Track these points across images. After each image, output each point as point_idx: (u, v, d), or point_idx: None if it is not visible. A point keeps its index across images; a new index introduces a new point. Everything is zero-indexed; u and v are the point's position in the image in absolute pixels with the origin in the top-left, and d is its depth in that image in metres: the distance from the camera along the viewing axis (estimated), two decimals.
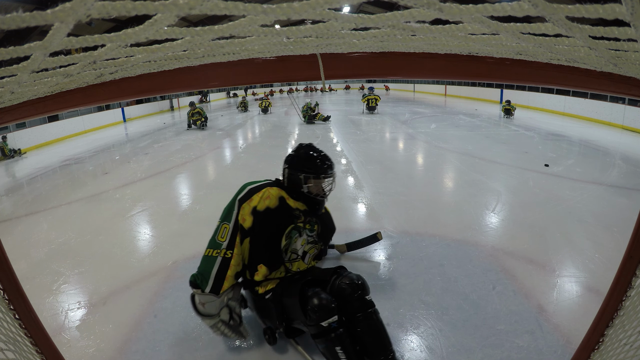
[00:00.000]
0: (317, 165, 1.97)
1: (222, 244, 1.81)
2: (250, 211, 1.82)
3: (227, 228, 1.82)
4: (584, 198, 4.23)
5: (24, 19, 0.35)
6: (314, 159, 1.99)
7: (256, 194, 1.86)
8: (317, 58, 0.95)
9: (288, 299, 1.82)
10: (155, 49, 0.64)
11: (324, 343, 1.66)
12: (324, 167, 1.98)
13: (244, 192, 1.88)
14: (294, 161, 1.99)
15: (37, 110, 1.02)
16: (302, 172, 1.95)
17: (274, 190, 1.90)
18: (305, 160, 1.98)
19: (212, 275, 1.80)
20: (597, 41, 0.55)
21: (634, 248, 1.14)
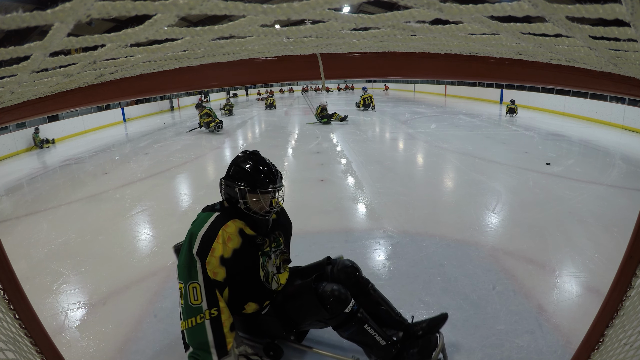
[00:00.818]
0: (259, 177, 1.66)
1: (202, 306, 1.55)
2: (218, 263, 1.57)
3: (198, 287, 1.55)
4: (584, 198, 4.23)
5: (24, 19, 0.35)
6: (254, 169, 1.67)
7: (215, 241, 1.57)
8: (317, 58, 0.95)
9: (295, 302, 1.76)
10: (155, 49, 0.64)
11: (351, 328, 1.72)
12: (265, 180, 1.66)
13: (198, 244, 1.56)
14: (231, 172, 1.70)
15: (37, 110, 1.02)
16: (241, 185, 1.65)
17: (231, 228, 1.62)
18: (245, 171, 1.67)
19: (211, 343, 1.56)
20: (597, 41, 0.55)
21: (634, 248, 1.14)
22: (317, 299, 1.68)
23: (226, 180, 1.70)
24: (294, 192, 4.85)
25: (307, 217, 3.90)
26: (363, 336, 1.74)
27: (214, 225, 1.61)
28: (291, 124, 11.57)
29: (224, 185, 1.72)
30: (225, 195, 1.72)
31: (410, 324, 1.90)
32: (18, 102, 0.96)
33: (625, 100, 9.62)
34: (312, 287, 1.72)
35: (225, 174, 1.73)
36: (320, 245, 3.23)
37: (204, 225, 1.61)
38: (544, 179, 5.03)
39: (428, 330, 1.84)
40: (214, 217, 1.64)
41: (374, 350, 1.77)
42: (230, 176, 1.69)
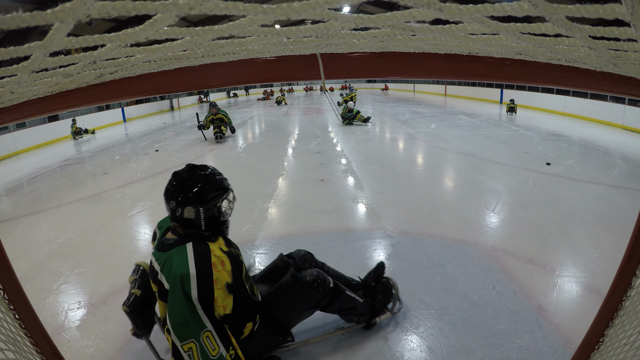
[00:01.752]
0: (222, 180, 1.56)
1: (221, 354, 1.35)
2: (227, 292, 1.37)
3: (210, 334, 1.33)
4: (584, 198, 4.23)
5: (24, 19, 0.35)
6: (214, 176, 1.53)
7: (214, 271, 1.34)
8: (317, 58, 0.95)
9: (285, 300, 1.77)
10: (155, 49, 0.64)
11: (339, 299, 1.90)
12: (225, 180, 1.59)
13: (196, 285, 1.30)
14: (204, 195, 1.46)
15: (37, 110, 1.02)
16: (218, 199, 1.50)
17: (216, 249, 1.41)
18: (212, 184, 1.50)
19: None
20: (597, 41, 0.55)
21: (634, 248, 1.14)
22: (307, 285, 1.79)
23: (205, 207, 1.44)
24: (294, 192, 4.85)
25: (307, 217, 3.90)
26: (348, 302, 1.95)
27: (202, 255, 1.34)
28: (291, 124, 11.57)
29: (205, 213, 1.44)
30: (206, 225, 1.47)
31: (364, 281, 2.25)
32: (18, 102, 0.96)
33: (625, 100, 9.62)
34: (299, 277, 1.80)
35: (190, 205, 1.42)
36: (320, 245, 3.23)
37: (189, 261, 1.32)
38: (544, 179, 5.03)
39: (377, 278, 2.24)
40: (191, 248, 1.36)
41: (357, 311, 2.02)
42: (208, 199, 1.45)
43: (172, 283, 1.32)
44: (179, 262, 1.34)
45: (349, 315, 2.04)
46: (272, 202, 4.44)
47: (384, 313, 2.20)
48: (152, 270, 1.44)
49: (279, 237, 3.45)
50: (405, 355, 1.97)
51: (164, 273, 1.36)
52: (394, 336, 2.11)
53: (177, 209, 1.42)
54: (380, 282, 2.24)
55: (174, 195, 1.43)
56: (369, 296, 2.14)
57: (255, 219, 3.90)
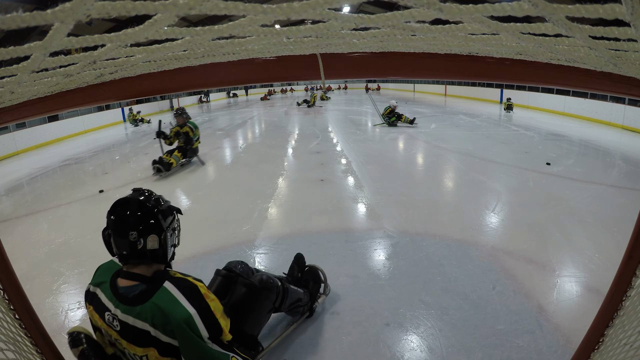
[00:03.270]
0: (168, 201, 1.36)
1: None
2: (226, 316, 1.27)
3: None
4: (584, 198, 4.23)
5: (24, 19, 0.35)
6: (161, 199, 1.33)
7: (208, 302, 1.21)
8: (317, 58, 0.95)
9: (247, 311, 1.75)
10: (155, 49, 0.64)
11: (288, 295, 1.96)
12: None
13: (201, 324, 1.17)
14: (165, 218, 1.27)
15: (37, 110, 1.02)
16: (174, 222, 1.33)
17: (194, 281, 1.26)
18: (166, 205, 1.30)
19: None
20: (597, 41, 0.55)
21: (634, 248, 1.14)
22: (262, 289, 1.81)
23: (168, 232, 1.27)
24: (294, 192, 4.85)
25: (307, 217, 3.90)
26: (295, 294, 2.04)
27: (191, 291, 1.20)
28: (291, 124, 11.57)
29: (164, 239, 1.25)
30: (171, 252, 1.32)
31: (290, 275, 2.36)
32: (18, 102, 0.96)
33: (625, 100, 9.62)
34: (253, 284, 1.80)
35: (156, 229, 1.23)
36: (320, 245, 3.23)
37: (182, 302, 1.17)
38: (544, 179, 5.03)
39: (300, 269, 2.38)
40: (174, 288, 1.19)
41: (303, 301, 2.13)
42: (169, 223, 1.28)
43: (180, 333, 1.14)
44: (173, 307, 1.15)
45: (297, 309, 2.11)
46: (272, 202, 4.44)
47: (320, 297, 2.38)
48: (133, 331, 1.17)
49: (279, 237, 3.45)
50: (405, 355, 1.97)
51: (159, 328, 1.15)
52: (394, 336, 2.11)
53: (138, 240, 1.18)
54: (305, 272, 2.39)
55: (134, 224, 1.18)
56: (302, 286, 2.24)
57: (255, 219, 3.90)
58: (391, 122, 10.18)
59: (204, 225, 3.86)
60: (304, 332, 2.17)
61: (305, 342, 2.09)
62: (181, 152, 6.23)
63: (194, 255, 3.14)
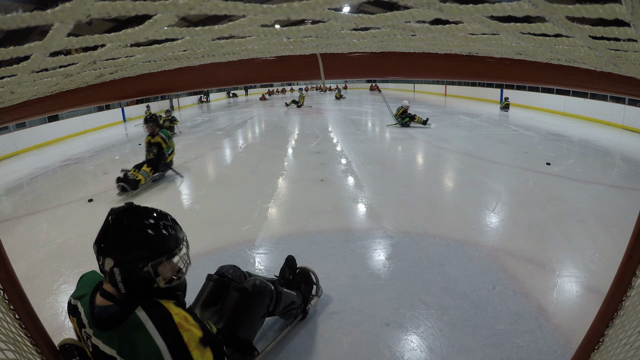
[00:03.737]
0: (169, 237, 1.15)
1: None
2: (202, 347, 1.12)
3: None
4: (584, 198, 4.23)
5: (24, 19, 0.35)
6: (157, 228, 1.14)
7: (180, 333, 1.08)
8: (317, 58, 0.95)
9: (240, 317, 1.74)
10: (155, 49, 0.64)
11: (281, 299, 1.93)
12: (176, 236, 1.17)
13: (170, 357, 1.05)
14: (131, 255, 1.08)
15: (37, 110, 1.02)
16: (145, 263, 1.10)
17: (173, 307, 1.14)
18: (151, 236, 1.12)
19: None
20: (597, 41, 0.55)
21: (634, 248, 1.14)
22: (256, 293, 1.79)
23: (125, 266, 1.08)
24: (294, 192, 4.85)
25: (307, 217, 3.90)
26: (289, 297, 2.02)
27: (163, 320, 1.09)
28: (291, 124, 11.57)
29: (123, 272, 1.08)
30: (131, 285, 1.10)
31: (281, 277, 2.37)
32: (18, 102, 0.96)
33: (625, 100, 9.62)
34: (246, 289, 1.78)
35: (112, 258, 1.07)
36: (320, 245, 3.23)
37: (152, 334, 1.06)
38: (544, 179, 5.03)
39: (292, 271, 2.37)
40: (146, 316, 1.08)
41: (296, 303, 2.11)
42: (131, 259, 1.08)
43: None
44: (141, 338, 1.05)
45: (290, 312, 2.10)
46: (272, 202, 4.44)
47: (312, 299, 2.37)
48: (103, 356, 1.10)
49: (279, 237, 3.45)
50: (405, 355, 1.97)
51: (126, 357, 1.07)
52: (394, 336, 2.11)
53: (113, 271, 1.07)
54: (297, 274, 2.38)
55: (110, 248, 1.07)
56: (295, 288, 2.23)
57: (255, 219, 3.90)
58: (404, 123, 9.94)
59: (204, 225, 3.87)
60: (304, 332, 2.17)
61: (306, 343, 2.09)
62: (151, 167, 5.32)
63: (194, 255, 3.13)
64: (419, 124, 9.86)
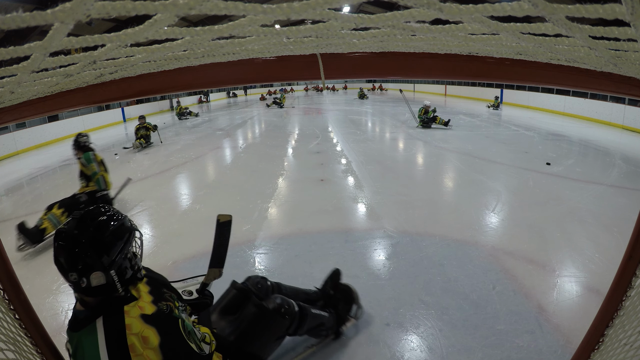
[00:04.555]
0: (121, 221, 1.18)
1: None
2: None
3: None
4: (584, 198, 4.23)
5: (24, 19, 0.35)
6: (111, 221, 1.14)
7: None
8: (317, 58, 0.95)
9: (255, 335, 1.64)
10: (155, 49, 0.64)
11: (307, 320, 1.83)
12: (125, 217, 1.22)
13: None
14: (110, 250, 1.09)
15: (37, 110, 1.02)
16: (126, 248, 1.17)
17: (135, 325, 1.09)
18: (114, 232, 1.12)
19: None
20: (597, 41, 0.55)
21: (634, 248, 1.14)
22: (274, 314, 1.68)
23: (116, 264, 1.11)
24: (294, 192, 4.85)
25: (307, 217, 3.90)
26: (316, 319, 1.90)
27: (114, 338, 1.06)
28: (291, 124, 11.57)
29: (117, 270, 1.11)
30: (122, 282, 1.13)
31: (322, 291, 2.20)
32: (18, 102, 0.96)
33: (625, 100, 9.62)
34: (264, 307, 1.68)
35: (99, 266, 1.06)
36: (320, 245, 3.23)
37: (100, 348, 1.04)
38: (544, 179, 5.03)
39: (334, 286, 2.21)
40: (102, 329, 1.06)
41: (326, 325, 1.98)
42: (116, 254, 1.11)
43: None
44: (89, 348, 1.05)
45: (319, 332, 1.99)
46: (272, 202, 4.44)
47: (349, 320, 2.17)
48: (68, 354, 1.13)
49: (279, 237, 3.45)
50: (405, 355, 1.97)
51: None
52: (394, 336, 2.11)
53: (80, 280, 1.04)
54: (338, 289, 2.21)
55: (71, 265, 1.04)
56: (331, 305, 2.11)
57: (255, 219, 3.90)
58: (425, 124, 9.63)
59: (204, 225, 3.86)
60: None
61: (306, 342, 2.09)
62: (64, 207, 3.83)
63: (194, 255, 3.14)
64: (440, 125, 9.54)
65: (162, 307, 1.18)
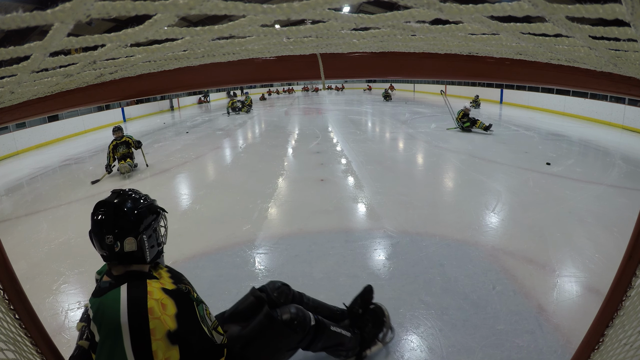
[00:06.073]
0: (153, 201, 1.37)
1: None
2: (168, 343, 1.13)
3: None
4: (584, 198, 4.23)
5: (24, 19, 0.35)
6: (145, 199, 1.34)
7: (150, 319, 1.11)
8: (317, 58, 0.95)
9: (261, 343, 1.58)
10: (155, 49, 0.64)
11: (322, 336, 1.71)
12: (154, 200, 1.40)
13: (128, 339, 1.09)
14: (143, 220, 1.27)
15: (37, 110, 1.02)
16: (156, 223, 1.33)
17: (156, 291, 1.18)
18: (147, 207, 1.31)
19: None
20: (597, 41, 0.55)
21: (634, 248, 1.14)
22: (283, 326, 1.60)
23: (147, 233, 1.26)
24: (294, 192, 4.85)
25: (307, 217, 3.90)
26: (334, 338, 1.76)
27: (136, 300, 1.13)
28: (291, 124, 11.57)
29: (147, 239, 1.26)
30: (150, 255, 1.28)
31: (350, 309, 2.02)
32: (18, 102, 0.96)
33: (625, 100, 9.62)
34: (274, 317, 1.60)
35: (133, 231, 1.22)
36: (320, 245, 3.23)
37: (121, 308, 1.11)
38: (544, 179, 5.03)
39: (365, 305, 2.02)
40: (125, 292, 1.15)
41: (346, 346, 1.82)
42: (148, 224, 1.28)
43: (102, 335, 1.12)
44: (110, 310, 1.12)
45: (337, 351, 1.84)
46: (272, 202, 4.44)
47: (375, 344, 1.98)
48: (87, 319, 1.21)
49: (279, 237, 3.45)
50: (405, 355, 1.97)
51: (95, 323, 1.14)
52: (394, 336, 2.11)
53: (115, 244, 1.18)
54: (368, 309, 2.03)
55: (109, 228, 1.19)
56: (358, 326, 1.94)
57: (255, 219, 3.90)
58: (465, 127, 9.03)
59: (204, 225, 3.87)
60: None
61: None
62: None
63: (194, 255, 3.14)
64: (480, 130, 8.82)
65: (181, 287, 1.30)
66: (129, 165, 6.07)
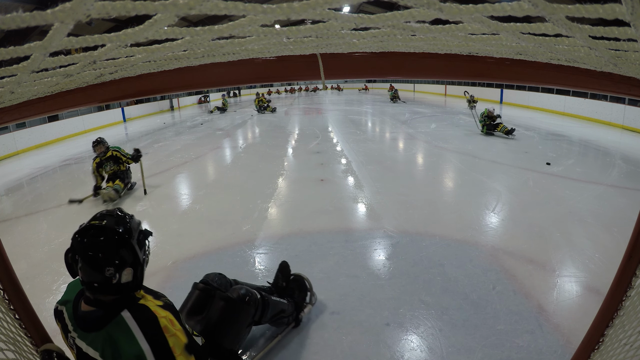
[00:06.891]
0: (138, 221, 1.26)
1: None
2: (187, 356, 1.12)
3: None
4: (584, 198, 4.23)
5: (24, 19, 0.35)
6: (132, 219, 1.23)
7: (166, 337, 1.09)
8: (317, 58, 0.95)
9: (225, 327, 1.69)
10: (155, 49, 0.64)
11: (269, 307, 1.91)
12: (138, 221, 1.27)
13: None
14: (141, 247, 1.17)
15: (37, 110, 1.02)
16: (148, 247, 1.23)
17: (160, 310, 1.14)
18: (138, 229, 1.21)
19: None
20: (597, 41, 0.55)
21: (634, 248, 1.14)
22: (240, 302, 1.76)
23: (142, 265, 1.16)
24: (294, 192, 4.85)
25: (307, 217, 3.90)
26: (277, 306, 2.00)
27: (149, 323, 1.08)
28: (291, 124, 11.57)
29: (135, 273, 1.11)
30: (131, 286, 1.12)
31: (274, 284, 2.31)
32: (18, 102, 0.96)
33: (625, 100, 9.62)
34: (231, 298, 1.74)
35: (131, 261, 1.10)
36: (320, 245, 3.23)
37: (136, 336, 1.05)
38: (544, 178, 5.03)
39: (285, 278, 2.32)
40: (131, 318, 1.08)
41: (287, 312, 2.08)
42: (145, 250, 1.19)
43: None
44: (125, 340, 1.05)
45: (280, 320, 2.07)
46: (272, 202, 4.44)
47: (306, 307, 2.32)
48: (86, 357, 1.10)
49: (279, 237, 3.45)
50: (405, 355, 1.97)
51: (107, 359, 1.07)
52: (394, 336, 2.11)
53: (114, 276, 1.05)
54: (290, 280, 2.34)
55: (110, 259, 1.06)
56: (288, 295, 2.21)
57: (255, 219, 3.90)
58: (486, 131, 8.51)
59: (204, 225, 3.87)
60: (305, 331, 2.17)
61: (306, 342, 2.09)
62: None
63: (194, 255, 3.14)
64: (502, 134, 8.24)
65: (165, 300, 1.23)
66: (115, 191, 4.77)
